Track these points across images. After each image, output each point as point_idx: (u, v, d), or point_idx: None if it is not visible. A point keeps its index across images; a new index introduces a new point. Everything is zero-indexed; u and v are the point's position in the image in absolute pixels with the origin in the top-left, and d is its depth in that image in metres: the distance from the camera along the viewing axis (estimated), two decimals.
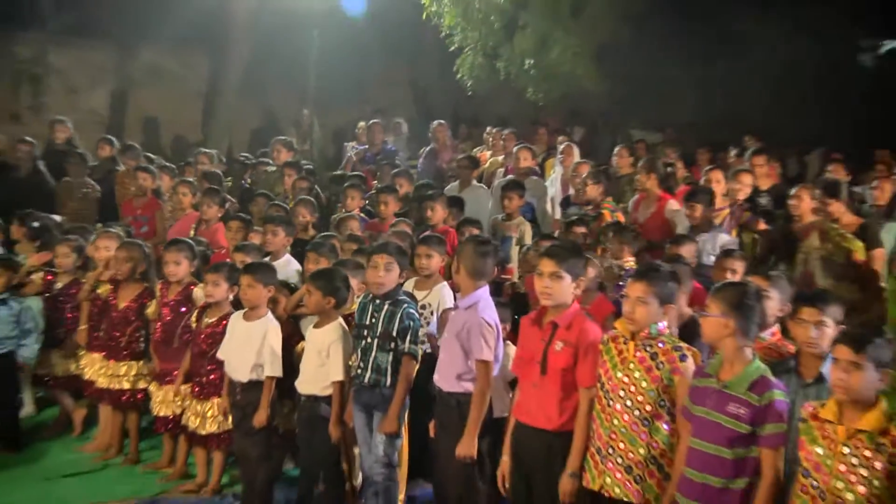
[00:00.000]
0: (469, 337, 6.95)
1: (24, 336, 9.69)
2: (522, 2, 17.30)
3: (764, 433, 5.52)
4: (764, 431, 5.51)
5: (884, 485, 5.04)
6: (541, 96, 18.16)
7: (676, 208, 11.14)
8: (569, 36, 17.50)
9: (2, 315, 9.61)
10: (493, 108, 19.38)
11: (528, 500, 6.58)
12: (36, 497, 8.66)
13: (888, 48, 26.99)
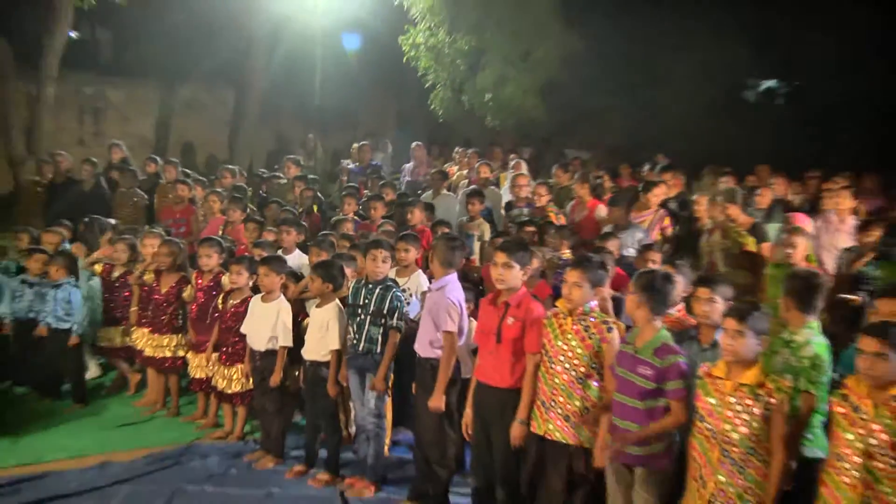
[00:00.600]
0: (438, 312, 6.99)
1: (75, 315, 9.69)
2: (482, 48, 17.30)
3: (669, 388, 5.62)
4: (668, 387, 5.62)
5: (760, 425, 5.20)
6: (497, 123, 18.17)
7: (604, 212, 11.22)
8: (520, 76, 17.53)
9: (60, 297, 9.67)
10: (460, 133, 19.36)
11: (487, 444, 6.61)
12: (99, 442, 8.66)
13: (765, 87, 27.17)
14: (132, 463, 8.11)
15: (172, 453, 8.38)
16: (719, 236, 9.68)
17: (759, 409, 5.23)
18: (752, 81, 26.87)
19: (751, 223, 9.88)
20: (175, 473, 7.90)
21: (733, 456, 5.28)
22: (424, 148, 16.59)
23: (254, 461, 8.23)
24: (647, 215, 10.81)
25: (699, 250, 10.21)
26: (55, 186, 14.56)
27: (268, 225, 10.94)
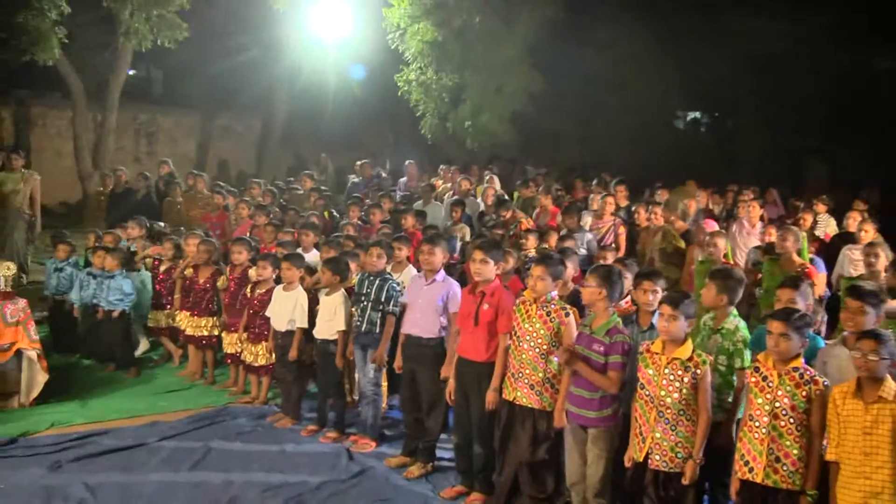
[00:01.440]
0: (448, 298, 6.99)
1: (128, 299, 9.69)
2: (463, 84, 17.34)
3: (611, 360, 5.60)
4: (611, 360, 5.60)
5: (689, 392, 5.24)
6: (475, 145, 18.18)
7: None
8: (493, 107, 17.56)
9: (113, 285, 9.64)
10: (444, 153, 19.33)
11: (466, 408, 6.57)
12: (148, 405, 8.60)
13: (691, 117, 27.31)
14: (176, 422, 8.06)
15: (209, 414, 8.32)
16: (660, 238, 9.66)
17: (689, 379, 5.24)
18: (680, 113, 27.09)
19: (685, 228, 9.87)
20: (211, 431, 7.85)
21: (667, 416, 5.27)
22: (416, 166, 16.57)
23: (275, 422, 8.16)
24: (606, 223, 10.82)
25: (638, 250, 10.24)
26: (115, 195, 14.58)
27: (286, 227, 10.86)
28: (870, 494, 4.67)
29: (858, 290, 5.54)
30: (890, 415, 4.65)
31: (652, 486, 5.36)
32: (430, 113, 17.51)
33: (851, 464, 4.75)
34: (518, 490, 6.23)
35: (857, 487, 4.71)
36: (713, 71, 21.53)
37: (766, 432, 4.98)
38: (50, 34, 13.94)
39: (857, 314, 5.38)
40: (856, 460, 4.73)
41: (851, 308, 5.43)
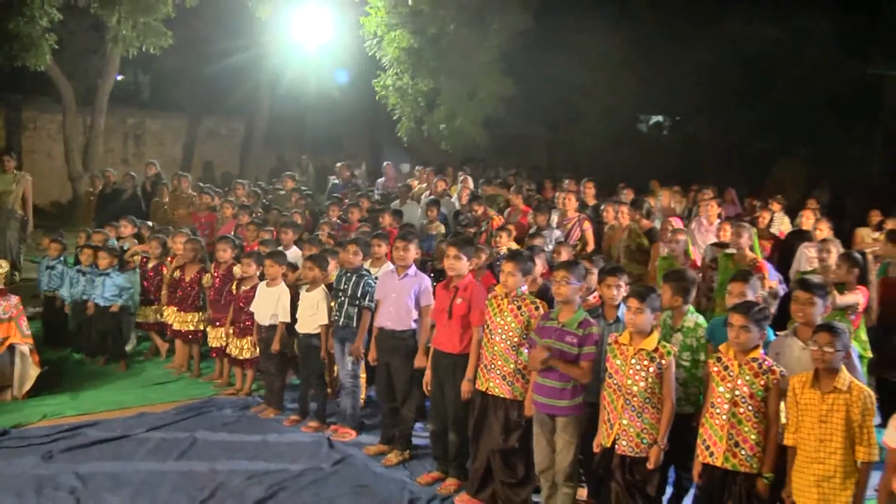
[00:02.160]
0: (422, 291, 7.01)
1: (123, 295, 9.57)
2: (438, 89, 17.32)
3: (584, 352, 5.58)
4: (584, 350, 5.58)
5: (654, 380, 5.24)
6: (449, 147, 18.20)
7: None
8: (466, 111, 17.56)
9: (108, 283, 9.52)
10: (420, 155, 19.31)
11: (441, 397, 6.57)
12: (138, 397, 8.55)
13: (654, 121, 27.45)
14: (164, 413, 8.02)
15: (195, 406, 8.28)
16: (626, 236, 9.67)
17: (654, 369, 5.25)
18: (644, 117, 27.19)
19: (649, 227, 9.89)
20: (197, 421, 7.81)
21: (634, 404, 5.28)
22: (393, 167, 16.55)
23: (258, 412, 8.13)
24: (570, 220, 10.83)
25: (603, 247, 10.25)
26: (104, 196, 14.46)
27: (269, 227, 10.78)
28: (822, 478, 4.74)
29: (807, 283, 5.60)
30: (844, 404, 4.70)
31: (619, 471, 5.36)
32: (406, 117, 17.50)
33: (807, 449, 4.81)
34: (491, 476, 6.23)
35: (812, 471, 4.78)
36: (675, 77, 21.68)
37: (726, 419, 5.03)
38: (41, 40, 13.85)
39: (806, 305, 5.43)
40: (811, 446, 4.79)
41: (801, 300, 5.48)
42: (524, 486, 6.14)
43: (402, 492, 6.45)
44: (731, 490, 5.05)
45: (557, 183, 15.28)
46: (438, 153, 19.06)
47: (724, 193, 14.60)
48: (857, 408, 4.68)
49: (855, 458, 4.72)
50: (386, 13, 16.49)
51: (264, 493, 6.31)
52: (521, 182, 15.21)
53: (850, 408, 4.69)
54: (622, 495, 5.36)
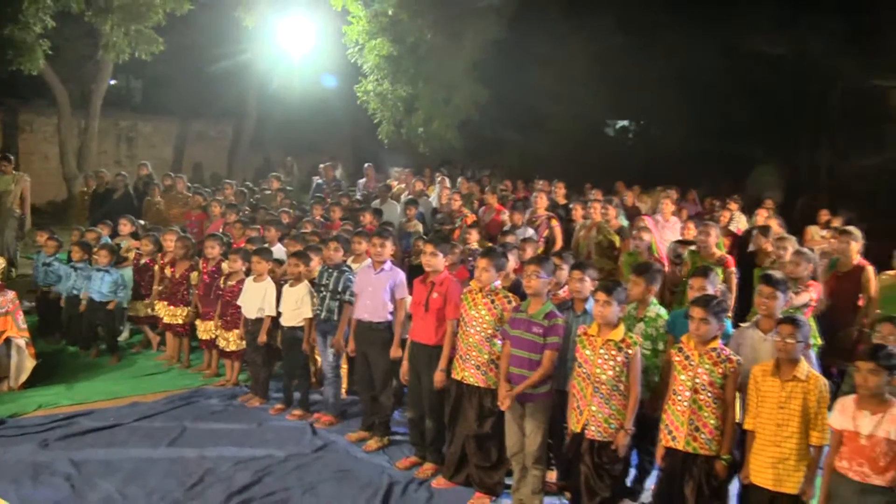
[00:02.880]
0: (397, 284, 6.99)
1: (119, 292, 9.50)
2: (416, 95, 17.36)
3: (549, 341, 5.59)
4: (548, 341, 5.59)
5: (621, 369, 5.28)
6: (427, 150, 18.25)
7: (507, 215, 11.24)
8: (443, 115, 17.62)
9: (107, 279, 9.43)
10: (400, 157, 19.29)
11: (419, 387, 6.57)
12: (130, 387, 8.47)
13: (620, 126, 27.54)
14: (155, 403, 7.97)
15: (185, 395, 8.22)
16: (595, 233, 9.69)
17: (621, 358, 5.29)
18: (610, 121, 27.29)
19: (619, 225, 9.93)
20: (187, 410, 7.76)
21: (602, 392, 5.30)
22: (373, 168, 16.54)
23: (245, 401, 8.08)
24: (539, 218, 10.83)
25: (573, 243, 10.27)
26: (97, 195, 14.33)
27: (256, 224, 10.71)
28: (778, 460, 4.82)
29: (770, 278, 5.64)
30: (801, 392, 4.78)
31: (588, 454, 5.39)
32: (386, 120, 17.53)
33: (765, 433, 4.89)
34: (466, 460, 6.24)
35: (769, 454, 4.85)
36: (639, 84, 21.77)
37: (687, 405, 5.08)
38: (35, 46, 13.79)
39: (769, 299, 5.49)
40: (769, 430, 4.86)
41: (764, 293, 5.54)
42: (497, 470, 6.15)
43: (382, 476, 6.44)
44: (691, 472, 5.09)
45: (529, 184, 15.32)
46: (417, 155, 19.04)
47: (686, 194, 14.71)
48: (813, 396, 4.76)
49: (809, 442, 4.78)
50: (367, 22, 16.51)
51: (251, 479, 6.27)
52: (496, 182, 15.24)
53: (808, 395, 4.77)
54: (591, 477, 5.39)
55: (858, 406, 4.60)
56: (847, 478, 4.59)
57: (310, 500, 6.03)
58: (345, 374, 8.00)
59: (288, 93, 19.23)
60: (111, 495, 5.95)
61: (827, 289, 7.82)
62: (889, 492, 4.48)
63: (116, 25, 14.86)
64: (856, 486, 4.55)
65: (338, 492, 6.16)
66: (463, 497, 6.11)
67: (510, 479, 6.06)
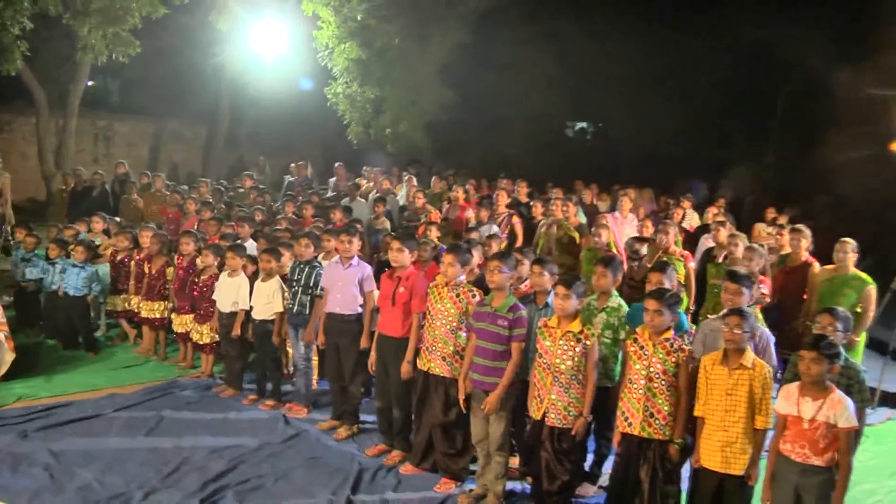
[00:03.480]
0: (365, 278, 6.99)
1: (94, 287, 9.41)
2: (384, 97, 17.40)
3: (515, 334, 5.61)
4: (515, 333, 5.61)
5: (580, 359, 5.32)
6: (394, 150, 18.27)
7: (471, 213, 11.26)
8: (410, 117, 17.69)
9: (83, 274, 9.32)
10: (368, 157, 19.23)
11: (386, 377, 6.56)
12: (107, 379, 8.39)
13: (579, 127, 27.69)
14: (132, 394, 7.88)
15: (161, 387, 8.15)
16: (556, 229, 9.74)
17: (580, 349, 5.33)
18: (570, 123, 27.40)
19: (578, 223, 9.98)
20: (163, 401, 7.70)
21: (561, 381, 5.33)
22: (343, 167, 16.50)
23: (220, 392, 8.03)
24: (501, 215, 10.87)
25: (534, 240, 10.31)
26: (76, 193, 14.18)
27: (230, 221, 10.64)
28: (726, 444, 4.90)
29: (736, 275, 5.81)
30: (748, 379, 4.87)
31: (548, 441, 5.42)
32: (355, 121, 17.53)
33: (714, 419, 4.96)
34: (433, 447, 6.26)
35: (717, 438, 4.93)
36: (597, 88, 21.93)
37: (642, 393, 5.14)
38: (13, 47, 13.57)
39: (735, 294, 5.65)
40: (718, 416, 4.94)
41: (730, 290, 5.69)
42: (462, 456, 6.18)
43: (352, 463, 6.44)
44: (646, 455, 5.16)
45: (492, 182, 15.36)
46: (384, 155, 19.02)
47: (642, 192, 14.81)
48: (758, 382, 4.85)
49: (754, 426, 4.87)
50: (337, 27, 16.48)
51: (225, 466, 6.25)
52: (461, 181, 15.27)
53: (753, 382, 4.86)
54: (551, 462, 5.43)
55: (801, 393, 4.68)
56: (790, 459, 4.68)
57: (282, 486, 6.02)
58: (316, 366, 7.97)
59: (260, 94, 19.16)
60: (90, 483, 5.89)
61: (776, 283, 7.94)
62: (827, 471, 4.60)
63: (94, 28, 14.71)
64: (798, 466, 4.65)
65: (309, 478, 6.15)
66: (430, 482, 6.13)
67: (475, 465, 6.08)
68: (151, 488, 5.86)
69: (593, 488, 6.11)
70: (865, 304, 7.51)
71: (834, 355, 4.64)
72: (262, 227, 10.56)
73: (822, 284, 7.77)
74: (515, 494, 6.00)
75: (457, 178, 15.82)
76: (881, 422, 8.02)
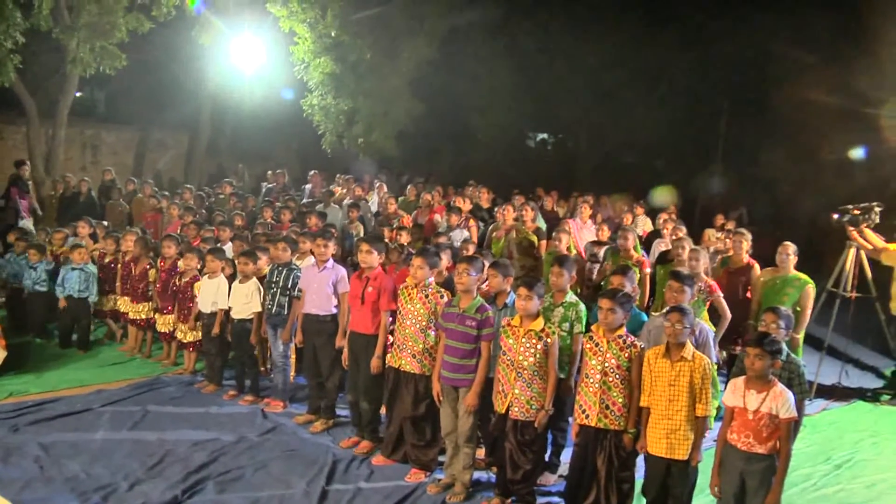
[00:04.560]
0: (339, 279, 6.93)
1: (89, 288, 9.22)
2: (356, 108, 17.32)
3: (484, 333, 5.63)
4: (484, 332, 5.63)
5: (542, 356, 5.34)
6: (367, 158, 18.25)
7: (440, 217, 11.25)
8: (382, 126, 17.68)
9: (82, 276, 9.16)
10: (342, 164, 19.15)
11: (357, 372, 6.57)
12: (95, 376, 8.29)
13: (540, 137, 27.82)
14: (118, 390, 7.79)
15: (146, 383, 8.06)
16: (514, 233, 9.74)
17: (541, 345, 5.35)
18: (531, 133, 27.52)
19: (536, 227, 9.98)
20: (148, 397, 7.61)
21: (524, 376, 5.34)
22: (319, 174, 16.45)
23: (201, 388, 7.95)
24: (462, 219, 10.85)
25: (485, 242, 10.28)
26: (65, 199, 13.99)
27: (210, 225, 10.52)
28: (670, 431, 4.99)
29: (679, 275, 5.97)
30: (689, 370, 4.98)
31: (512, 433, 5.44)
32: (329, 131, 17.47)
33: (658, 409, 5.05)
34: (403, 439, 6.24)
35: (662, 426, 5.02)
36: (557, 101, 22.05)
37: (598, 386, 5.18)
38: (6, 60, 13.44)
39: (678, 293, 5.80)
40: (662, 406, 5.03)
41: (674, 288, 5.84)
42: (431, 448, 6.17)
43: (327, 454, 6.40)
44: (602, 445, 5.21)
45: (459, 189, 15.36)
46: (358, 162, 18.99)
47: (599, 199, 14.90)
48: (698, 373, 4.96)
49: (695, 413, 4.97)
50: (312, 43, 16.41)
51: (207, 458, 6.19)
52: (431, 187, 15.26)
53: (693, 373, 4.97)
54: (515, 453, 5.45)
55: (747, 386, 4.74)
56: (736, 448, 4.73)
57: (261, 477, 5.97)
58: (293, 363, 7.90)
59: (240, 105, 19.06)
60: (77, 474, 5.83)
61: (720, 284, 8.00)
62: (769, 458, 4.66)
63: (82, 42, 14.59)
64: (742, 454, 4.70)
65: (286, 469, 6.11)
66: (400, 473, 6.11)
67: (443, 457, 6.07)
68: (136, 479, 5.79)
69: (553, 477, 6.13)
70: (805, 301, 7.62)
71: (776, 351, 4.73)
72: (241, 231, 10.45)
73: (766, 285, 7.87)
74: (481, 483, 5.99)
75: (426, 186, 15.83)
76: (817, 412, 8.16)
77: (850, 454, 7.00)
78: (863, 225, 8.66)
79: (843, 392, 8.84)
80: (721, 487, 4.85)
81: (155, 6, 15.01)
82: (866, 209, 8.60)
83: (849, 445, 7.24)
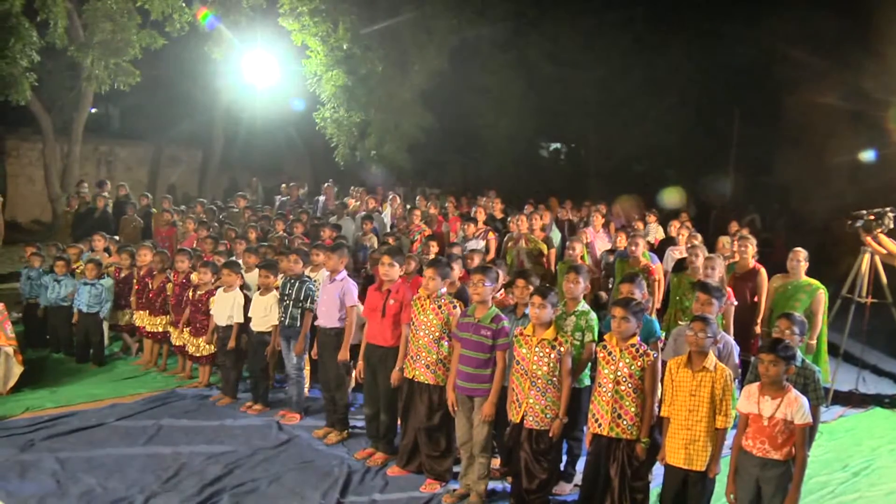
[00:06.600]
0: (345, 293, 6.92)
1: (103, 304, 9.23)
2: (369, 121, 17.45)
3: (499, 343, 5.61)
4: (499, 342, 5.60)
5: (554, 364, 5.31)
6: (379, 171, 18.30)
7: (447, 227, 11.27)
8: (394, 139, 17.79)
9: (93, 291, 9.19)
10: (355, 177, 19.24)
11: (374, 384, 6.54)
12: (110, 390, 8.28)
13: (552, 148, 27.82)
14: (134, 404, 7.80)
15: (161, 396, 8.07)
16: (524, 242, 9.72)
17: (555, 355, 5.32)
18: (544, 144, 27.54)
19: (544, 235, 9.97)
20: (163, 410, 7.61)
21: (538, 386, 5.32)
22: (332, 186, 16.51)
23: (216, 401, 7.95)
24: (479, 230, 10.85)
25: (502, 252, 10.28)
26: (79, 214, 14.08)
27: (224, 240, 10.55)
28: (689, 441, 4.93)
29: (707, 287, 5.93)
30: (710, 381, 4.91)
31: (527, 442, 5.41)
32: (342, 144, 17.54)
33: (678, 418, 4.99)
34: (418, 450, 6.22)
35: (681, 436, 4.95)
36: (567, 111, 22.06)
37: (610, 395, 5.14)
38: (22, 79, 13.64)
39: (705, 304, 5.76)
40: (682, 416, 4.96)
41: (702, 300, 5.80)
42: (446, 458, 6.14)
43: (342, 466, 6.39)
44: (615, 454, 5.17)
45: (471, 200, 15.38)
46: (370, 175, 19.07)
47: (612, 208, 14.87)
48: (719, 384, 4.89)
49: (715, 425, 4.91)
50: (324, 56, 16.51)
51: (222, 471, 6.19)
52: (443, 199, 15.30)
53: (714, 384, 4.90)
54: (530, 462, 5.41)
55: (761, 392, 4.71)
56: (751, 454, 4.70)
57: (276, 489, 5.96)
58: (308, 375, 7.90)
59: (252, 119, 19.18)
60: (93, 489, 5.83)
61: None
62: (785, 464, 4.62)
63: (97, 59, 14.77)
64: (758, 460, 4.67)
65: (301, 481, 6.09)
66: (415, 483, 6.09)
67: (458, 467, 6.04)
68: (151, 492, 5.79)
69: (569, 486, 6.08)
70: (816, 307, 7.58)
71: (790, 357, 4.69)
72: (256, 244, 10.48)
73: (777, 291, 7.83)
74: (497, 493, 5.96)
75: (439, 197, 15.86)
76: (834, 419, 8.07)
77: (868, 461, 6.92)
78: (877, 230, 8.59)
79: (860, 398, 8.75)
80: (737, 494, 4.81)
81: (168, 22, 15.16)
82: (880, 214, 8.53)
83: (867, 452, 7.16)
